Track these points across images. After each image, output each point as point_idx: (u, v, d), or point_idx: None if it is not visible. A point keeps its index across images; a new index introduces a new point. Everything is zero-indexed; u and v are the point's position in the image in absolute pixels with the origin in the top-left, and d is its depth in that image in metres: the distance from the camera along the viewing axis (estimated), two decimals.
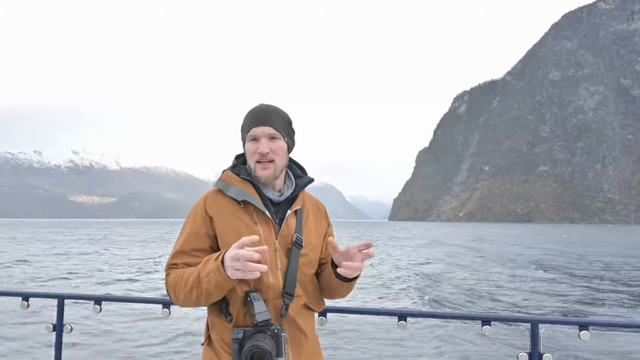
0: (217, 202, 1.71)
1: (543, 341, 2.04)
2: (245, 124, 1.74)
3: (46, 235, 70.16)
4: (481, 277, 22.18)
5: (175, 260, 1.70)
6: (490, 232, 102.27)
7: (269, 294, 1.63)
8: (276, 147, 1.71)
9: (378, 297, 15.82)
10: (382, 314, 2.38)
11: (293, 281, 1.67)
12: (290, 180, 1.83)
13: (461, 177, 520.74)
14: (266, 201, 1.71)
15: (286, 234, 1.70)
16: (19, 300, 2.60)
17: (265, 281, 1.63)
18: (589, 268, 26.85)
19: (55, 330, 2.55)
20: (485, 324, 2.07)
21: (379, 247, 43.26)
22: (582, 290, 17.98)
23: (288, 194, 1.77)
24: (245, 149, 1.76)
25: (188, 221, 1.75)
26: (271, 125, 1.71)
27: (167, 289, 1.70)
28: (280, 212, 1.74)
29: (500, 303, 15.10)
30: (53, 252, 35.23)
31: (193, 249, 1.69)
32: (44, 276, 20.71)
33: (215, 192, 1.74)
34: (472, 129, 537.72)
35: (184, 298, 1.62)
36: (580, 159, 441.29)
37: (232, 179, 1.73)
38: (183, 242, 1.71)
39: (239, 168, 1.77)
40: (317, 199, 1.93)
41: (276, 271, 1.66)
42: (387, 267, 25.60)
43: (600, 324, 2.05)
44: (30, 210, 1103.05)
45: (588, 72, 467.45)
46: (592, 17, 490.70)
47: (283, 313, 1.64)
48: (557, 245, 51.23)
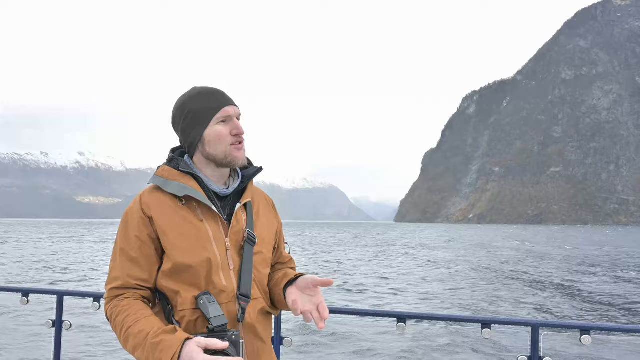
0: (156, 200, 1.50)
1: (543, 345, 2.00)
2: (209, 105, 1.51)
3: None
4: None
5: (116, 283, 1.46)
6: (520, 234, 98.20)
7: (222, 298, 1.45)
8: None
9: (377, 298, 16.01)
10: (381, 316, 2.33)
11: (248, 282, 1.50)
12: (235, 172, 1.64)
13: (470, 178, 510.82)
14: (211, 195, 1.53)
15: (237, 231, 1.52)
16: (19, 296, 2.57)
17: (217, 283, 1.45)
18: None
19: (54, 326, 2.51)
20: (485, 327, 2.03)
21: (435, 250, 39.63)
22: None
23: (235, 186, 1.58)
24: (205, 135, 1.52)
25: (122, 228, 1.51)
26: (237, 105, 1.55)
27: (108, 320, 1.48)
28: (228, 207, 1.56)
29: (500, 305, 14.94)
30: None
31: (137, 255, 1.46)
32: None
33: (152, 189, 1.53)
34: (481, 129, 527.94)
35: (123, 346, 1.42)
36: (593, 159, 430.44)
37: (171, 173, 1.52)
38: (122, 251, 1.48)
39: (177, 161, 1.55)
40: (267, 195, 1.75)
41: (228, 272, 1.48)
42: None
43: (602, 328, 2.01)
44: (38, 210, 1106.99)
45: (602, 71, 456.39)
46: (607, 14, 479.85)
47: (240, 318, 1.46)
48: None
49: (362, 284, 19.54)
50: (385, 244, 54.71)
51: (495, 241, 63.80)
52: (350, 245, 51.08)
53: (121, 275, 1.46)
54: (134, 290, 1.46)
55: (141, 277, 1.46)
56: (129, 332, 1.36)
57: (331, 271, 24.67)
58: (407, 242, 61.64)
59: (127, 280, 1.45)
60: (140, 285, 1.46)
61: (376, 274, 23.64)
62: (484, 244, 54.80)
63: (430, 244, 55.04)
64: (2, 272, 21.92)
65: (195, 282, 1.43)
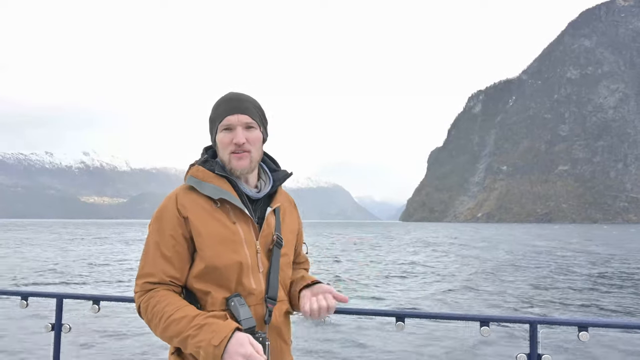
0: (191, 201, 1.55)
1: (542, 342, 2.02)
2: (217, 113, 1.60)
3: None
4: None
5: (150, 278, 1.52)
6: (551, 233, 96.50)
7: (251, 300, 1.52)
8: (253, 137, 1.59)
9: (375, 297, 15.89)
10: (380, 315, 2.35)
11: (275, 284, 1.57)
12: (266, 175, 1.70)
13: (478, 177, 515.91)
14: (244, 198, 1.59)
15: (267, 234, 1.60)
16: (18, 299, 2.58)
17: (247, 286, 1.52)
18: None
19: (54, 329, 2.51)
20: (483, 325, 2.04)
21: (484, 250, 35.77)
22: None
23: (266, 190, 1.65)
24: (216, 141, 1.61)
25: (157, 225, 1.55)
26: (247, 114, 1.58)
27: (141, 315, 1.54)
28: (259, 210, 1.62)
29: (499, 304, 14.99)
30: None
31: (171, 254, 1.51)
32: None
33: (186, 189, 1.58)
34: (488, 128, 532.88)
35: (159, 335, 1.47)
36: (601, 158, 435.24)
37: (206, 175, 1.57)
38: (157, 247, 1.52)
39: (212, 163, 1.61)
40: (289, 194, 1.81)
41: (258, 274, 1.55)
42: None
43: (599, 324, 2.02)
44: (42, 210, 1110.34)
45: (607, 70, 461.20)
46: (611, 14, 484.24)
47: (267, 320, 1.53)
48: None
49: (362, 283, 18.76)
50: (433, 244, 52.72)
51: (536, 241, 60.10)
52: (400, 247, 47.48)
53: (156, 272, 1.51)
54: (167, 285, 1.52)
55: (174, 274, 1.51)
56: (172, 319, 1.41)
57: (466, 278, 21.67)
58: (450, 241, 59.30)
59: (161, 276, 1.50)
60: (173, 282, 1.52)
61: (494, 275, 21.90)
62: (527, 244, 51.62)
63: (475, 244, 52.52)
64: (70, 276, 20.33)
65: (226, 283, 1.49)
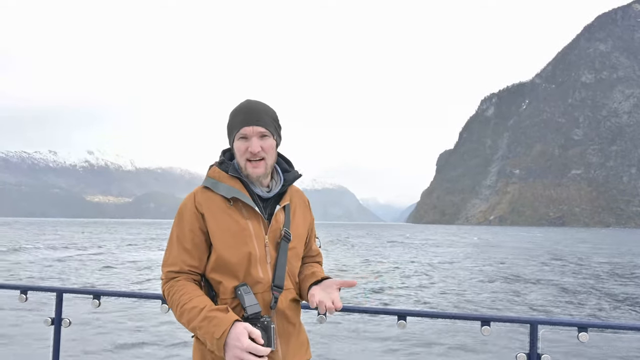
0: (207, 199, 1.73)
1: (542, 342, 2.02)
2: (234, 122, 1.75)
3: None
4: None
5: (173, 267, 1.73)
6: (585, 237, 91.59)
7: (258, 288, 1.69)
8: (267, 146, 1.73)
9: (377, 296, 16.23)
10: (382, 313, 2.38)
11: (282, 274, 1.73)
12: (278, 176, 1.85)
13: (490, 180, 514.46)
14: (255, 197, 1.76)
15: (275, 229, 1.75)
16: (18, 293, 2.58)
17: (255, 275, 1.70)
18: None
19: (53, 324, 2.54)
20: (484, 324, 2.07)
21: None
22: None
23: (277, 190, 1.80)
24: (234, 147, 1.76)
25: (178, 220, 1.76)
26: (262, 125, 1.72)
27: (166, 298, 1.75)
28: (269, 208, 1.78)
29: (499, 303, 15.26)
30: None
31: (190, 246, 1.72)
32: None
33: (203, 189, 1.76)
34: (501, 131, 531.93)
35: (178, 320, 1.68)
36: (614, 162, 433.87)
37: (221, 176, 1.75)
38: (178, 240, 1.73)
39: (227, 165, 1.79)
40: (304, 194, 1.95)
41: (265, 265, 1.72)
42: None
43: (599, 325, 2.04)
44: (47, 209, 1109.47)
45: (623, 75, 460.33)
46: (627, 19, 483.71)
47: (272, 305, 1.70)
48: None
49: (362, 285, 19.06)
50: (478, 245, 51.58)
51: (573, 245, 59.42)
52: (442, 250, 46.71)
53: (177, 262, 1.72)
54: (187, 274, 1.72)
55: (193, 264, 1.72)
56: (184, 308, 1.62)
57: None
58: (494, 244, 58.43)
59: (182, 266, 1.71)
60: (193, 270, 1.73)
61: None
62: (565, 250, 49.65)
63: (514, 247, 51.77)
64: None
65: (236, 273, 1.68)
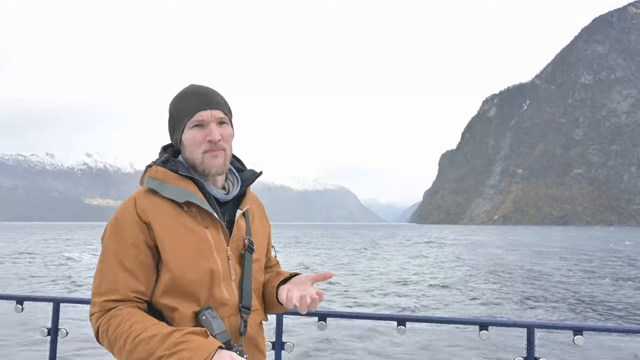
0: (152, 204, 1.38)
1: (539, 346, 2.03)
2: (184, 108, 1.43)
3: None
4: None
5: (111, 295, 1.32)
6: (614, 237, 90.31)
7: (224, 311, 1.39)
8: (226, 134, 1.45)
9: (376, 301, 16.15)
10: (381, 319, 2.35)
11: (249, 293, 1.45)
12: (233, 176, 1.56)
13: (493, 180, 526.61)
14: (212, 201, 1.44)
15: (238, 239, 1.47)
16: (13, 303, 2.51)
17: (219, 296, 1.38)
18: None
19: (50, 334, 2.45)
20: (482, 329, 2.05)
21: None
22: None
23: (235, 192, 1.51)
24: (183, 139, 1.45)
25: (114, 233, 1.38)
26: (220, 109, 1.44)
27: (100, 339, 1.34)
28: (228, 213, 1.48)
29: (497, 308, 15.57)
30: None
31: (133, 265, 1.34)
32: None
33: (146, 192, 1.41)
34: (503, 131, 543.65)
35: (126, 353, 1.26)
36: (615, 161, 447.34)
37: (167, 176, 1.41)
38: (117, 259, 1.34)
39: (174, 163, 1.45)
40: (258, 197, 1.67)
41: (230, 283, 1.42)
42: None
43: (594, 329, 2.05)
44: (45, 213, 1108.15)
45: (620, 76, 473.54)
46: (623, 21, 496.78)
47: (242, 331, 1.42)
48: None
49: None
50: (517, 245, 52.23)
51: (593, 245, 59.17)
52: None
53: (118, 287, 1.33)
54: (131, 303, 1.34)
55: (139, 289, 1.35)
56: (140, 339, 1.23)
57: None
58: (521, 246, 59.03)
59: (125, 292, 1.32)
60: (139, 298, 1.35)
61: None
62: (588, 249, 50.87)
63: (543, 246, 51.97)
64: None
65: (195, 296, 1.35)
